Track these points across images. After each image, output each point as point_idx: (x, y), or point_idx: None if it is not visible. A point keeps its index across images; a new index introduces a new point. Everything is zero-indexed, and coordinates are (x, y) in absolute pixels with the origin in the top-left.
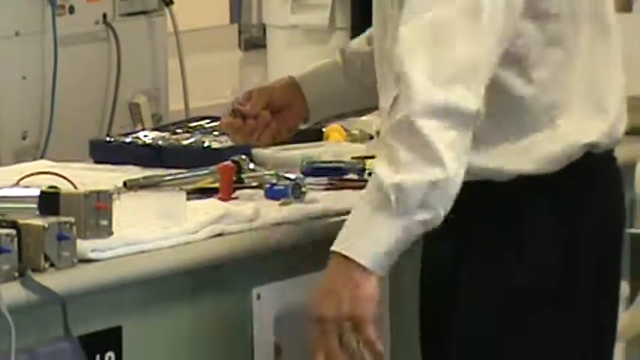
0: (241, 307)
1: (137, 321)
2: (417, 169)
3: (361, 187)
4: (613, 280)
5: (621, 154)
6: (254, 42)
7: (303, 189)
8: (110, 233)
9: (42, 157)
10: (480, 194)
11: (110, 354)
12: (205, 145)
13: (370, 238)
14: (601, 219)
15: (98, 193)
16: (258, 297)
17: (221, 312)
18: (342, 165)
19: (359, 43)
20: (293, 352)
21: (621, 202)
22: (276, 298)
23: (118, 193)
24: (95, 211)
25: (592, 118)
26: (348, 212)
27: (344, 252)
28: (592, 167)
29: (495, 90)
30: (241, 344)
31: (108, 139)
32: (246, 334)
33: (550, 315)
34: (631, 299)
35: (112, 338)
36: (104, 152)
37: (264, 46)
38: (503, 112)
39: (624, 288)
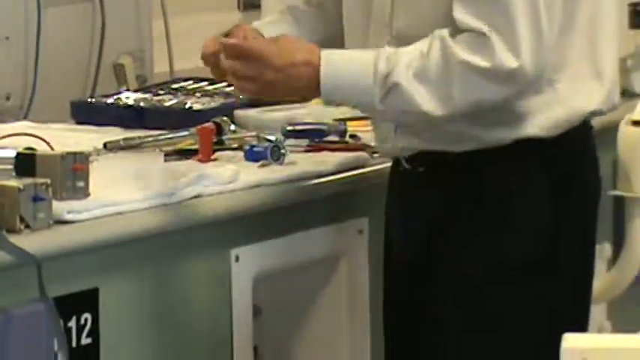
0: (220, 269)
1: (114, 283)
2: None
3: (342, 149)
4: (591, 248)
5: (604, 115)
6: (252, 2)
7: (283, 151)
8: (87, 195)
9: (25, 118)
10: (466, 163)
11: (87, 315)
12: (187, 106)
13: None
14: (585, 188)
15: (75, 154)
16: (237, 258)
17: (199, 274)
18: (323, 127)
19: None
20: (272, 313)
21: (598, 170)
22: (255, 259)
23: (98, 155)
24: (72, 173)
25: (591, 82)
26: (326, 174)
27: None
28: (584, 134)
29: None
30: (220, 306)
31: (89, 100)
32: (225, 296)
33: (535, 285)
34: (613, 261)
35: (88, 300)
36: (86, 113)
37: None
38: None
39: (607, 250)
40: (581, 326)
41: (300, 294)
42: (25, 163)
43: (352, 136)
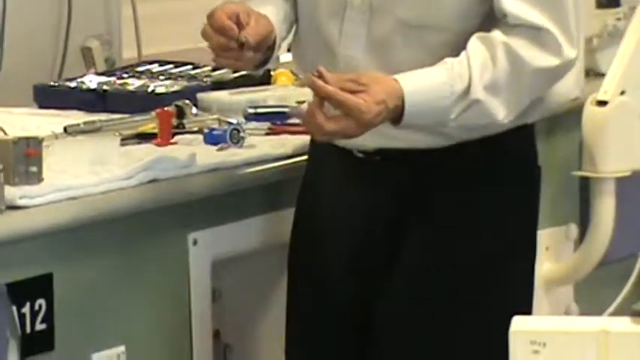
0: (177, 253)
1: (68, 268)
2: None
3: (303, 132)
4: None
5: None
6: None
7: (242, 134)
8: (40, 180)
9: None
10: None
11: (41, 301)
12: (150, 90)
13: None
14: (533, 177)
15: (28, 139)
16: (195, 242)
17: (156, 258)
18: (285, 110)
19: None
20: (231, 297)
21: (538, 159)
22: (213, 243)
23: (56, 139)
24: (25, 158)
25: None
26: (287, 157)
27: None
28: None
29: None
30: (178, 290)
31: (52, 84)
32: (183, 281)
33: (511, 271)
34: (579, 241)
35: (42, 285)
36: (48, 97)
37: None
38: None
39: (573, 231)
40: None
41: (261, 278)
42: None
43: None
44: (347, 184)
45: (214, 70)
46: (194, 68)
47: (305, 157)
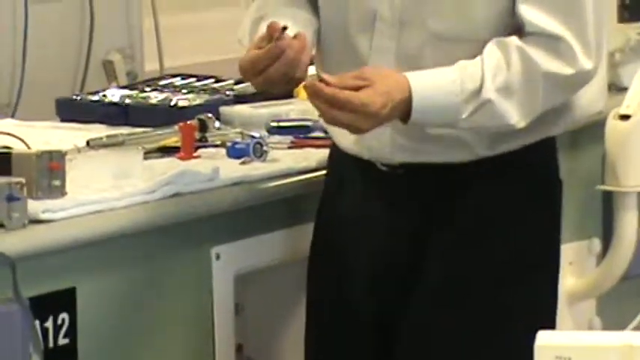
0: (200, 267)
1: (91, 282)
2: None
3: (327, 146)
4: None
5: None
6: None
7: (265, 148)
8: (63, 194)
9: (13, 116)
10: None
11: (64, 315)
12: (172, 103)
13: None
14: (558, 183)
15: (51, 153)
16: (218, 257)
17: (179, 273)
18: (308, 123)
19: None
20: (253, 311)
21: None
22: (236, 257)
23: (79, 152)
24: (48, 172)
25: (596, 78)
26: (309, 171)
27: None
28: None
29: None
30: (201, 305)
31: (74, 97)
32: (206, 295)
33: (534, 284)
34: (602, 256)
35: (65, 299)
36: (71, 111)
37: None
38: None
39: (596, 245)
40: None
41: (284, 292)
42: (1, 162)
43: None
44: (369, 197)
45: (237, 83)
46: (216, 81)
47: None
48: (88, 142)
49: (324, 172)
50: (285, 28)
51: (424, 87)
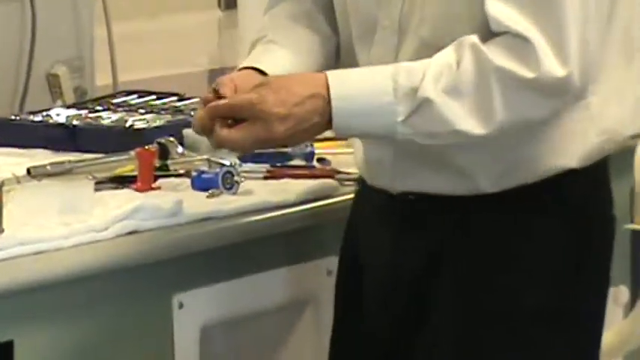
0: (160, 318)
1: (32, 335)
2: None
3: (308, 176)
4: (607, 286)
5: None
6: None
7: (236, 178)
8: (0, 231)
9: None
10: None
11: None
12: (127, 125)
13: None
14: (604, 220)
15: None
16: (181, 306)
17: (135, 324)
18: (286, 150)
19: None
20: None
21: (613, 205)
22: (202, 306)
23: (18, 182)
24: None
25: (625, 101)
26: (288, 205)
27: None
28: (604, 159)
29: None
30: None
31: (13, 117)
32: (167, 350)
33: (554, 333)
34: (631, 306)
35: (1, 354)
36: (8, 133)
37: None
38: None
39: (623, 293)
40: None
41: (258, 346)
42: None
43: (320, 160)
44: (380, 223)
45: None
46: (180, 99)
47: (310, 205)
48: (28, 171)
49: (306, 206)
50: (217, 91)
51: (347, 84)
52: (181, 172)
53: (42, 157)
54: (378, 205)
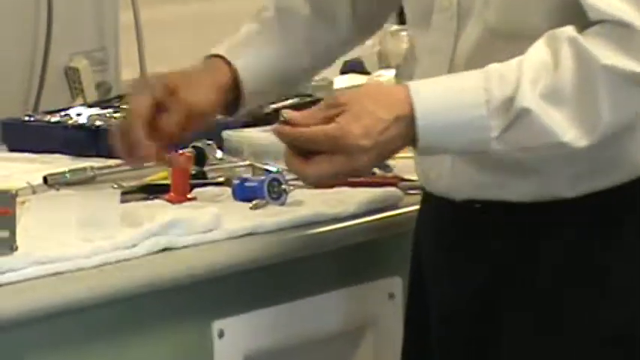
0: (198, 348)
1: None
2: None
3: (367, 184)
4: None
5: None
6: None
7: (284, 186)
8: (13, 248)
9: None
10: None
11: None
12: None
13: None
14: None
15: None
16: (221, 334)
17: (169, 354)
18: None
19: None
20: None
21: None
22: (245, 334)
23: (34, 193)
24: None
25: None
26: (345, 218)
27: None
28: None
29: None
30: None
31: (26, 118)
32: None
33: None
34: None
35: None
36: (22, 136)
37: None
38: None
39: None
40: None
41: None
42: None
43: (381, 166)
44: (439, 234)
45: None
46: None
47: (370, 218)
48: (45, 179)
49: (366, 219)
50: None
51: (432, 98)
52: (220, 179)
53: (60, 163)
54: (437, 215)
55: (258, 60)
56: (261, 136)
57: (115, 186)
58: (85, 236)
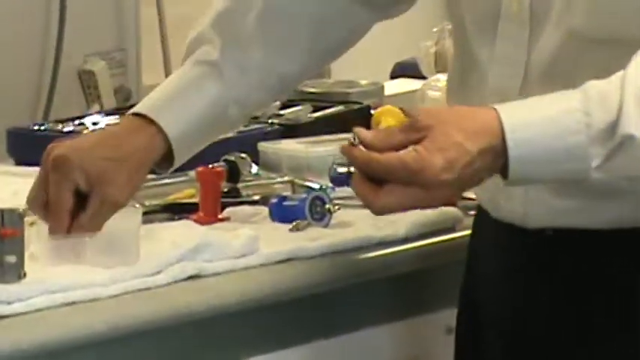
0: None
1: None
2: None
3: None
4: None
5: None
6: None
7: (328, 205)
8: (21, 275)
9: None
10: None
11: None
12: None
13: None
14: None
15: (1, 213)
16: None
17: None
18: None
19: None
20: None
21: None
22: None
23: None
24: None
25: None
26: (396, 242)
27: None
28: None
29: None
30: None
31: (35, 127)
32: None
33: None
34: None
35: None
36: (31, 147)
37: None
38: None
39: None
40: None
41: None
42: None
43: None
44: (503, 265)
45: (285, 106)
46: None
47: (426, 242)
48: None
49: (419, 242)
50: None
51: (526, 126)
52: (256, 198)
53: None
54: (502, 244)
55: (189, 119)
56: (301, 148)
57: (137, 205)
58: (102, 261)
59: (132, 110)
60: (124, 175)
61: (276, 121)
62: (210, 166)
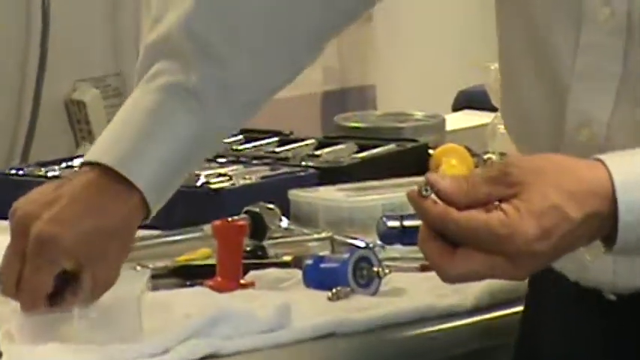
0: None
1: None
2: None
3: None
4: None
5: None
6: None
7: (377, 268)
8: None
9: None
10: None
11: None
12: (199, 182)
13: None
14: None
15: None
16: None
17: None
18: None
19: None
20: None
21: None
22: None
23: None
24: None
25: None
26: (462, 313)
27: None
28: None
29: None
30: None
31: (12, 171)
32: None
33: None
34: None
35: None
36: (6, 196)
37: None
38: None
39: None
40: None
41: None
42: None
43: None
44: (582, 336)
45: (321, 145)
46: (281, 142)
47: (497, 314)
48: None
49: (490, 314)
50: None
51: (637, 186)
52: (287, 258)
53: None
54: (584, 310)
55: (165, 170)
56: (342, 197)
57: (140, 267)
58: (94, 337)
59: (92, 158)
60: (115, 248)
61: (310, 163)
62: (230, 219)
